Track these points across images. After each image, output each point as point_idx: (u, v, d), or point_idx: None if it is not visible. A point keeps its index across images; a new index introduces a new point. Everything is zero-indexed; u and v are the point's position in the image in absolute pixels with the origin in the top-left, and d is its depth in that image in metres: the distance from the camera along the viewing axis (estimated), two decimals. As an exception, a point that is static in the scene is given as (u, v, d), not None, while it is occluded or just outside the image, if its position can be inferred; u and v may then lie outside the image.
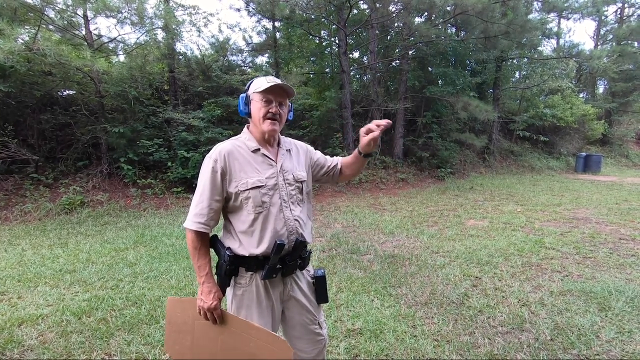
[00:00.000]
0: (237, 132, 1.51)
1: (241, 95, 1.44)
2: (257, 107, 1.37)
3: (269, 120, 1.36)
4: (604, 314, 2.67)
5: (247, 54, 12.21)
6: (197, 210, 1.34)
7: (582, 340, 2.33)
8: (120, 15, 7.82)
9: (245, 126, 1.48)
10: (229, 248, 1.35)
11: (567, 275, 3.45)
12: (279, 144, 1.49)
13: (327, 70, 12.41)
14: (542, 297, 2.98)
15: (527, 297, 2.98)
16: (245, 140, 1.42)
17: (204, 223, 1.33)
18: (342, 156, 1.65)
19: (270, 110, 1.35)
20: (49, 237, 5.15)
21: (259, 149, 1.40)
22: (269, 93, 1.35)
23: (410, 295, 3.06)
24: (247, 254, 1.34)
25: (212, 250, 1.42)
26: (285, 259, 1.37)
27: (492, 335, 2.42)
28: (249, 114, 1.42)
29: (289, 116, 1.47)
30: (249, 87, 1.43)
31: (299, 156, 1.55)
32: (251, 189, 1.32)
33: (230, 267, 1.34)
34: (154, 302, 2.97)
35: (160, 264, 3.90)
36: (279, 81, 1.34)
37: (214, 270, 1.39)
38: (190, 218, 1.34)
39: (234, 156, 1.36)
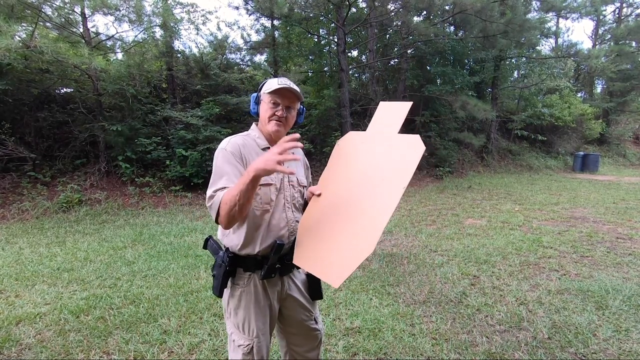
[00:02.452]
0: (235, 131, 1.52)
1: (253, 94, 1.45)
2: (264, 108, 1.38)
3: (275, 122, 1.36)
4: (601, 313, 2.68)
5: (245, 52, 12.19)
6: (219, 185, 1.23)
7: (580, 339, 2.34)
8: (118, 12, 7.80)
9: (254, 123, 1.48)
10: (227, 249, 1.35)
11: (564, 274, 3.46)
12: None
13: (325, 68, 12.38)
14: (540, 295, 2.99)
15: (524, 295, 3.00)
16: (255, 137, 1.42)
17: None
18: None
19: (276, 113, 1.35)
20: (46, 235, 5.13)
21: (268, 148, 1.40)
22: (277, 96, 1.34)
23: (409, 294, 3.07)
24: (247, 253, 1.33)
25: (207, 251, 1.40)
26: (283, 259, 1.38)
27: (490, 334, 2.43)
28: (257, 114, 1.44)
29: (298, 119, 1.48)
30: (261, 87, 1.43)
31: (300, 164, 1.56)
32: (262, 185, 1.32)
33: (230, 269, 1.33)
34: (152, 300, 2.97)
35: (158, 263, 3.89)
36: (290, 84, 1.34)
37: (210, 272, 1.37)
38: (209, 195, 1.23)
39: (247, 149, 1.36)
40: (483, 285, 3.21)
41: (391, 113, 1.38)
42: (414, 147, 1.17)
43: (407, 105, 1.34)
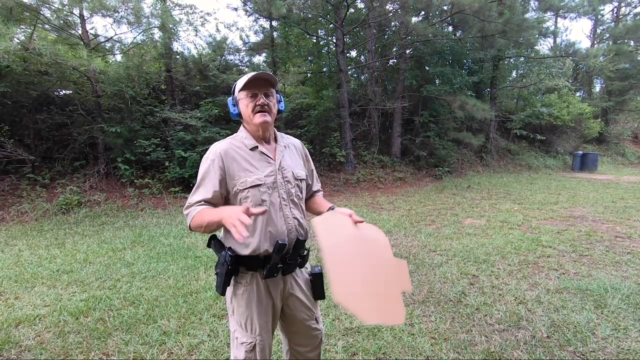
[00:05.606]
0: (234, 132, 1.52)
1: (229, 98, 1.44)
2: (244, 105, 1.38)
3: (259, 113, 1.36)
4: (599, 312, 2.68)
5: (244, 53, 12.21)
6: (195, 198, 1.34)
7: (578, 338, 2.35)
8: (116, 14, 7.80)
9: (242, 125, 1.47)
10: (229, 248, 1.35)
11: (563, 273, 3.47)
12: (276, 139, 1.49)
13: (324, 69, 12.39)
14: (539, 294, 2.99)
15: (523, 295, 3.00)
16: (242, 138, 1.42)
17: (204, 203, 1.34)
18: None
19: (257, 103, 1.35)
20: (46, 237, 5.13)
21: (257, 147, 1.40)
22: (252, 87, 1.34)
23: (408, 293, 3.07)
24: (248, 254, 1.33)
25: (211, 250, 1.41)
26: (285, 258, 1.37)
27: (489, 333, 2.43)
28: (239, 115, 1.42)
29: (279, 107, 1.46)
30: (234, 89, 1.43)
31: (297, 156, 1.54)
32: (250, 187, 1.32)
33: (232, 267, 1.33)
34: (151, 302, 2.97)
35: (157, 264, 3.89)
36: (260, 72, 1.34)
37: (210, 273, 1.39)
38: (187, 204, 1.35)
39: (231, 155, 1.36)
40: (482, 285, 3.21)
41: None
42: (377, 231, 1.41)
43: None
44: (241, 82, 1.36)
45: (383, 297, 1.26)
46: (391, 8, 11.02)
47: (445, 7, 10.61)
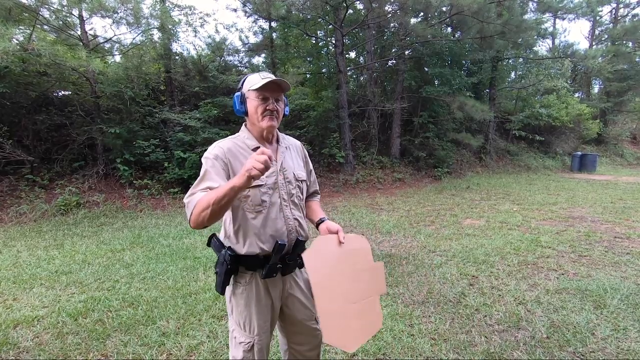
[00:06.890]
0: (233, 133, 1.51)
1: (236, 94, 1.41)
2: (253, 105, 1.35)
3: (268, 117, 1.34)
4: (599, 312, 2.68)
5: (243, 54, 12.20)
6: (200, 187, 1.25)
7: (578, 338, 2.35)
8: (116, 15, 7.80)
9: (243, 124, 1.46)
10: (229, 247, 1.35)
11: (562, 274, 3.47)
12: (277, 141, 1.48)
13: (323, 70, 12.41)
14: (538, 295, 2.99)
15: (523, 295, 3.00)
16: (244, 138, 1.41)
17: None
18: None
19: (267, 108, 1.33)
20: (44, 238, 5.12)
21: (259, 147, 1.39)
22: (265, 90, 1.32)
23: (408, 294, 3.07)
24: (248, 254, 1.33)
25: (210, 251, 1.41)
26: (285, 258, 1.38)
27: (488, 334, 2.43)
28: (245, 113, 1.40)
29: (285, 111, 1.45)
30: (242, 84, 1.40)
31: (298, 157, 1.54)
32: (251, 187, 1.31)
33: (231, 267, 1.33)
34: (150, 302, 2.96)
35: (156, 265, 3.88)
36: (273, 77, 1.32)
37: (213, 270, 1.38)
38: (189, 193, 1.25)
39: (234, 154, 1.34)
40: (482, 285, 3.21)
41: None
42: (360, 240, 1.47)
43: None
44: (254, 81, 1.33)
45: (363, 311, 1.34)
46: (390, 9, 11.02)
47: (444, 8, 10.63)
